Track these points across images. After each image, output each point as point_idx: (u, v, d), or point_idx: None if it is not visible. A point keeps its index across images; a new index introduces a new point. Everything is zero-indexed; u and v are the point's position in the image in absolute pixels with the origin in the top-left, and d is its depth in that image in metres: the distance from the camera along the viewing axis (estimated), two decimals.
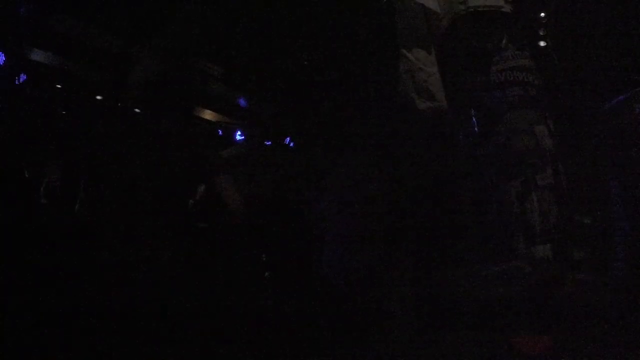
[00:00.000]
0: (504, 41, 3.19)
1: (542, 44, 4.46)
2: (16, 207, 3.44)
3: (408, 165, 3.83)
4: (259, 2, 4.59)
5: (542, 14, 4.36)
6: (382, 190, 4.12)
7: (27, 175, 4.04)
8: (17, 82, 4.79)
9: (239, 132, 7.00)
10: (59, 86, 5.29)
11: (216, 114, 6.85)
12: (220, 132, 6.84)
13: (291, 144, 7.25)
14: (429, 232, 3.82)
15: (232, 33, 4.99)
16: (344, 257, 3.78)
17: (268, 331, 3.10)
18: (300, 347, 2.86)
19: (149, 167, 4.90)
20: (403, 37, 3.46)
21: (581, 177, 3.34)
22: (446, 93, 3.37)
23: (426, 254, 3.70)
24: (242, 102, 6.82)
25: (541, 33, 4.54)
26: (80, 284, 3.13)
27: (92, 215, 4.16)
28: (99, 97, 5.57)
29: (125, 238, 3.87)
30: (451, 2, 3.30)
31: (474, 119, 3.23)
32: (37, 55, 4.96)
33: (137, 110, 5.38)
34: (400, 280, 3.71)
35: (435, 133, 3.68)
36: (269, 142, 7.16)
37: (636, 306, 2.15)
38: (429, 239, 3.85)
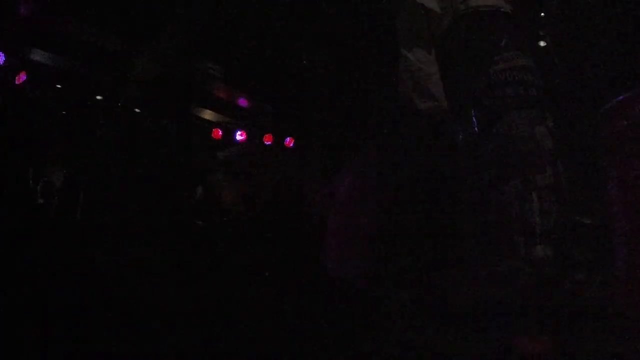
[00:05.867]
0: (504, 41, 3.19)
1: (542, 44, 4.47)
2: (17, 205, 3.45)
3: (408, 165, 3.83)
4: (260, 3, 4.59)
5: (542, 14, 4.36)
6: (381, 189, 4.12)
7: (29, 175, 4.05)
8: (17, 82, 4.79)
9: (239, 132, 6.99)
10: (59, 86, 5.29)
11: (216, 114, 6.85)
12: (220, 132, 6.84)
13: (291, 144, 7.25)
14: (428, 232, 3.82)
15: (232, 33, 5.00)
16: (343, 256, 3.78)
17: (267, 331, 3.10)
18: (299, 346, 2.86)
19: (148, 166, 4.89)
20: (403, 37, 3.46)
21: (581, 177, 3.34)
22: (446, 93, 3.37)
23: (426, 254, 3.71)
24: (242, 102, 6.82)
25: (541, 33, 4.55)
26: (80, 283, 3.13)
27: (91, 214, 4.16)
28: (99, 97, 5.57)
29: (124, 237, 3.87)
30: (451, 2, 3.30)
31: (474, 119, 3.23)
32: (37, 55, 4.96)
33: (136, 110, 5.39)
34: (399, 280, 3.71)
35: (435, 133, 3.68)
36: (269, 142, 7.16)
37: (636, 306, 2.15)
38: (428, 239, 3.85)
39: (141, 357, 2.68)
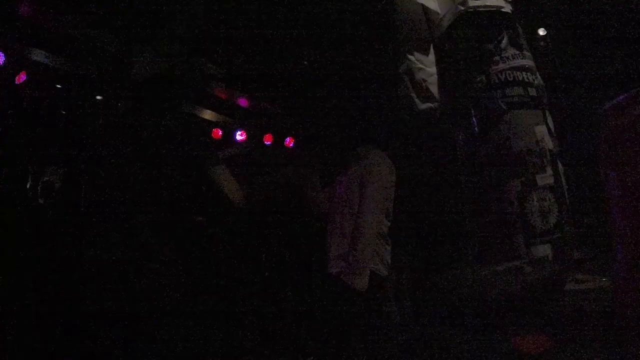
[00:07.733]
0: (504, 41, 3.19)
1: (542, 44, 4.46)
2: (17, 205, 3.45)
3: (408, 165, 3.83)
4: (260, 2, 4.59)
5: (542, 14, 4.36)
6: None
7: (29, 175, 4.05)
8: (17, 82, 4.78)
9: (239, 132, 6.98)
10: (59, 86, 5.28)
11: (216, 114, 6.83)
12: (220, 132, 6.83)
13: (292, 145, 7.24)
14: (428, 231, 3.82)
15: (232, 33, 4.99)
16: (342, 255, 3.78)
17: (267, 330, 3.11)
18: (298, 346, 2.86)
19: (148, 166, 4.90)
20: (403, 37, 3.47)
21: (581, 177, 3.34)
22: (446, 93, 3.38)
23: (425, 253, 3.71)
24: (242, 102, 6.81)
25: (541, 33, 4.54)
26: (80, 282, 3.13)
27: (91, 214, 4.16)
28: (99, 97, 5.56)
29: (124, 237, 3.87)
30: (451, 2, 3.30)
31: (474, 119, 3.23)
32: (37, 55, 4.95)
33: (136, 110, 5.38)
34: (399, 279, 3.71)
35: (435, 133, 3.68)
36: (269, 142, 7.14)
37: (636, 306, 2.15)
38: (428, 238, 3.85)
39: (141, 356, 2.68)
